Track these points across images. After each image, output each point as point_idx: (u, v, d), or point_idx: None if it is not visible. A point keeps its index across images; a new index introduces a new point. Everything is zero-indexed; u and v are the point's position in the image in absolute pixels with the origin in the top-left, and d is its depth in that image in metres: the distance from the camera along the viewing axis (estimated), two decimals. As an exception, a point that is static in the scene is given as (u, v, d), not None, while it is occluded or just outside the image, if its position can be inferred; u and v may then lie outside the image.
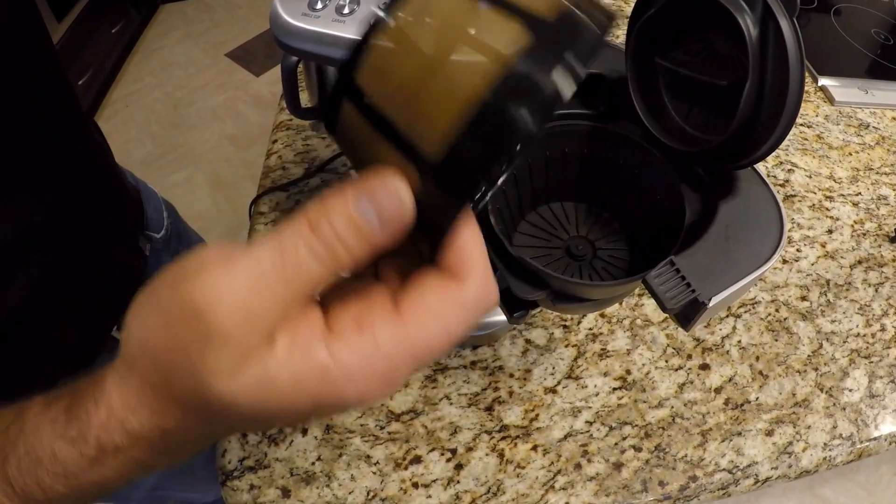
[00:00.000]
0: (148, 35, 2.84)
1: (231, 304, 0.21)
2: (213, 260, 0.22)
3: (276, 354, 0.21)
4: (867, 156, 0.83)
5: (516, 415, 0.57)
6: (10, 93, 0.44)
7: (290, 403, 0.22)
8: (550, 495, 0.53)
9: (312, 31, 0.40)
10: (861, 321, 0.66)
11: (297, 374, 0.22)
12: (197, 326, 0.21)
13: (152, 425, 0.24)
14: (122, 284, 0.64)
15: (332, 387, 0.22)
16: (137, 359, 0.24)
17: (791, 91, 0.30)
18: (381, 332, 0.22)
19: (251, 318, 0.21)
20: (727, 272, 0.31)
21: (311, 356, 0.22)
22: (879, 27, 1.07)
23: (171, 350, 0.22)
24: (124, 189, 0.66)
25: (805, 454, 0.57)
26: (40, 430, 0.26)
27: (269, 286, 0.21)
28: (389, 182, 0.22)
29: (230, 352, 0.21)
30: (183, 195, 2.10)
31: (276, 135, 0.84)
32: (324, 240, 0.22)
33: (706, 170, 0.36)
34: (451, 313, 0.23)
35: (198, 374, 0.21)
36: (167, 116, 2.44)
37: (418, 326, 0.22)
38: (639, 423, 0.57)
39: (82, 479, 0.25)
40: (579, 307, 0.39)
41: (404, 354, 0.22)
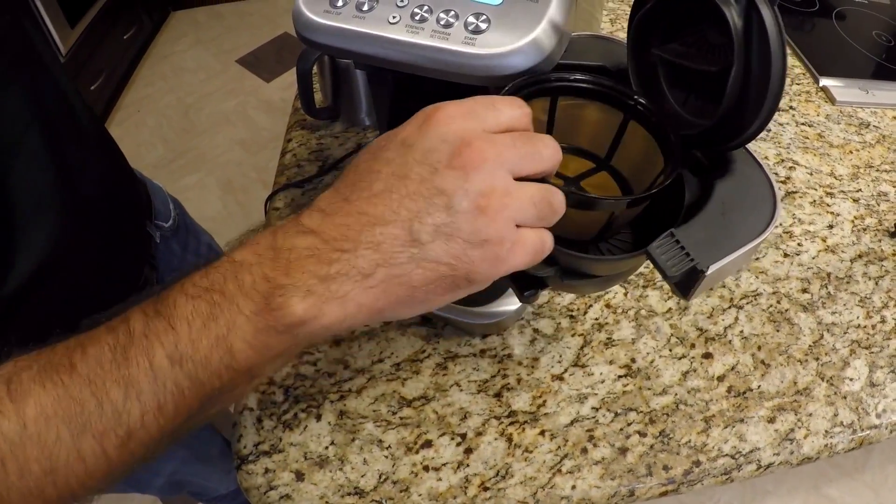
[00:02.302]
0: (160, 41, 2.88)
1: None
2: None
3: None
4: (868, 154, 0.85)
5: (524, 401, 0.59)
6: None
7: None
8: (557, 478, 0.55)
9: (334, 26, 0.42)
10: (861, 313, 0.68)
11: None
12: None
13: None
14: (134, 265, 0.66)
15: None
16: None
17: (774, 75, 0.32)
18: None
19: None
20: (724, 243, 0.33)
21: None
22: (881, 29, 1.09)
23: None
24: (131, 173, 0.68)
25: (806, 441, 0.58)
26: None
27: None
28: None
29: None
30: (194, 198, 2.13)
31: (290, 134, 0.86)
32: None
33: (704, 153, 0.38)
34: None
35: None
36: (178, 121, 2.48)
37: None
38: (643, 410, 0.59)
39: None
40: (586, 284, 0.40)
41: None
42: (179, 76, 2.69)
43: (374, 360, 0.61)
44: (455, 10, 0.39)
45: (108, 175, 0.64)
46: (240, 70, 2.71)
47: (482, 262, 0.29)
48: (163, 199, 0.76)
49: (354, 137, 0.85)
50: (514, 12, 0.38)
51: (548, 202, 0.31)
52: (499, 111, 0.31)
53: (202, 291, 0.29)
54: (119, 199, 0.65)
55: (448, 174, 0.29)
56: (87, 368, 0.28)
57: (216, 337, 0.28)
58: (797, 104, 0.92)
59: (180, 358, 0.28)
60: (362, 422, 0.57)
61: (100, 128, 0.65)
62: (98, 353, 0.29)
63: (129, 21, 2.59)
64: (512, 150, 0.30)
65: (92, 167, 0.59)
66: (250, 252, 0.29)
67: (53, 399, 0.28)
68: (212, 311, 0.28)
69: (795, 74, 0.98)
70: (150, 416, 0.29)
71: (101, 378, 0.28)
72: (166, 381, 0.28)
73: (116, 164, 0.66)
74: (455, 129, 0.29)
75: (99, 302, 0.61)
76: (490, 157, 0.29)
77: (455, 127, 0.29)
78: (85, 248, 0.57)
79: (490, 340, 0.63)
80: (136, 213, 0.69)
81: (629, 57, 0.41)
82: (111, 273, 0.62)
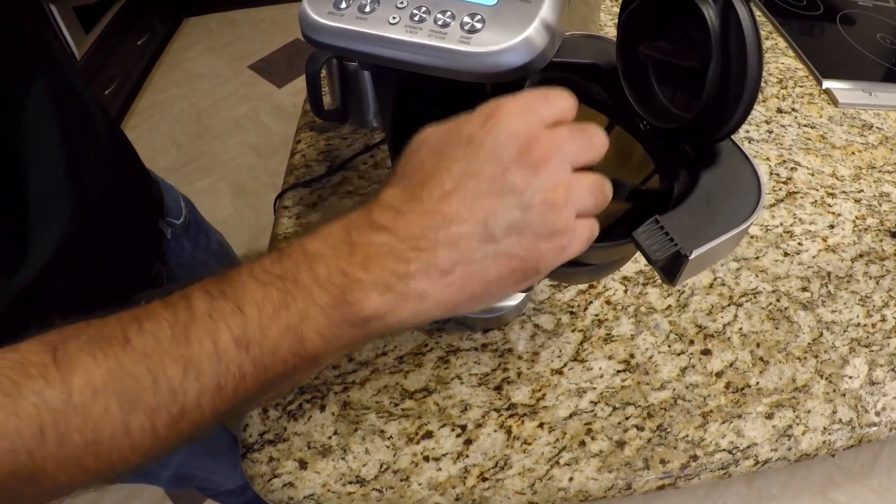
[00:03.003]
0: (173, 47, 2.92)
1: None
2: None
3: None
4: (870, 155, 0.85)
5: (524, 394, 0.60)
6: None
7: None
8: (555, 470, 0.56)
9: (337, 27, 0.44)
10: (861, 312, 0.68)
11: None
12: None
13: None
14: (146, 261, 0.68)
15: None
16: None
17: (750, 68, 0.33)
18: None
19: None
20: (708, 229, 0.34)
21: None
22: (885, 32, 1.10)
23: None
24: (145, 172, 0.70)
25: (805, 437, 0.59)
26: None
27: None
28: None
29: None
30: (206, 202, 2.16)
31: (300, 135, 0.88)
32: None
33: (691, 146, 0.39)
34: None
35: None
36: (191, 126, 2.51)
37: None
38: (641, 404, 0.60)
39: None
40: (579, 272, 0.42)
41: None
42: (192, 82, 2.72)
43: (378, 353, 0.63)
44: (451, 11, 0.40)
45: (122, 173, 0.66)
46: (252, 76, 2.74)
47: (549, 253, 0.31)
48: (174, 196, 0.78)
49: (362, 139, 0.87)
50: (508, 12, 0.39)
51: (601, 190, 0.33)
52: (552, 104, 0.32)
53: (274, 278, 0.29)
54: (132, 196, 0.67)
55: (518, 171, 0.30)
56: (143, 343, 0.28)
57: (287, 325, 0.29)
58: (800, 106, 0.93)
59: (248, 342, 0.28)
60: (365, 413, 0.59)
61: (114, 128, 0.67)
62: (156, 329, 0.28)
63: (142, 27, 2.63)
64: (571, 142, 0.31)
65: (105, 165, 0.61)
66: (323, 244, 0.30)
67: (104, 371, 0.28)
68: (284, 298, 0.29)
69: (798, 77, 0.98)
70: (206, 397, 0.29)
71: (159, 354, 0.28)
72: (230, 364, 0.28)
73: (130, 163, 0.68)
74: (518, 125, 0.31)
75: (111, 296, 0.63)
76: (555, 152, 0.30)
77: (518, 124, 0.31)
78: (98, 243, 0.59)
79: (491, 335, 0.64)
80: (149, 211, 0.71)
81: (618, 55, 0.42)
82: (123, 268, 0.64)
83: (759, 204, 0.36)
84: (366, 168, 0.82)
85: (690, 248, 0.33)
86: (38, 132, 0.50)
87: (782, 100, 0.94)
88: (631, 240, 0.35)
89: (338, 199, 0.78)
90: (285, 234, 0.74)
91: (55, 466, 0.28)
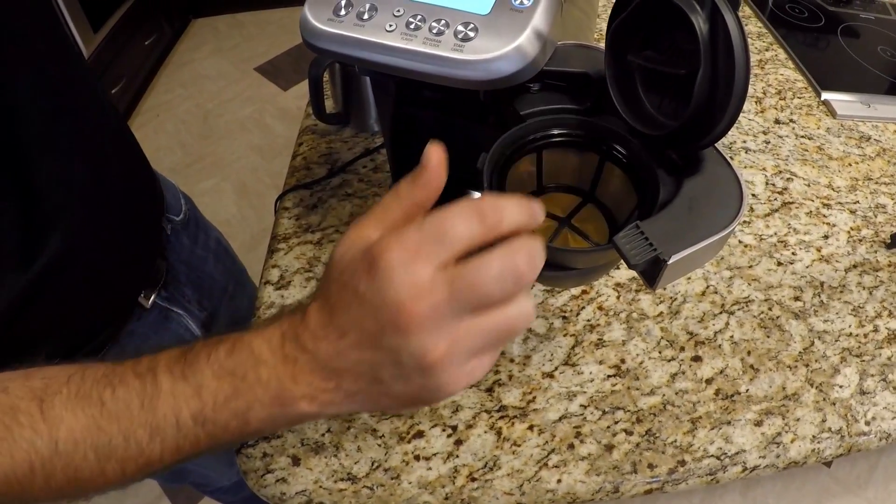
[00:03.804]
0: (180, 48, 2.94)
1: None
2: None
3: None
4: (867, 166, 0.86)
5: (515, 396, 0.61)
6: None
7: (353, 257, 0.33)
8: (543, 472, 0.56)
9: (336, 33, 0.45)
10: (854, 322, 0.69)
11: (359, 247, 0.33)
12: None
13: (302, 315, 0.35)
14: (147, 257, 0.69)
15: (377, 247, 0.32)
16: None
17: (738, 76, 0.34)
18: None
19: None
20: (688, 235, 0.35)
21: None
22: (886, 45, 1.10)
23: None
24: (148, 167, 0.72)
25: (794, 445, 0.59)
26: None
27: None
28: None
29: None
30: (210, 202, 2.17)
31: (301, 138, 0.89)
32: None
33: (679, 154, 0.40)
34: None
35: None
36: (197, 127, 2.53)
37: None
38: (631, 409, 0.60)
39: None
40: (565, 277, 0.43)
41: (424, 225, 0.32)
42: (198, 83, 2.74)
43: (372, 354, 0.63)
44: (446, 19, 0.41)
45: (129, 170, 0.67)
46: (258, 78, 2.76)
47: (437, 395, 0.34)
48: (174, 193, 0.79)
49: (363, 142, 0.88)
50: (501, 21, 0.40)
51: (502, 326, 0.33)
52: (447, 244, 0.32)
53: (226, 373, 0.35)
54: (138, 192, 0.68)
55: (391, 336, 0.31)
56: (116, 408, 0.35)
57: (235, 411, 0.35)
58: (798, 117, 0.93)
59: (203, 420, 0.34)
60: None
61: (122, 125, 0.68)
62: (127, 397, 0.35)
63: (150, 28, 2.66)
64: (454, 300, 0.31)
65: (114, 161, 0.62)
66: (266, 348, 0.35)
67: (83, 427, 0.34)
68: (235, 392, 0.34)
69: (797, 88, 0.99)
70: (168, 453, 0.35)
71: (130, 420, 0.34)
72: (188, 434, 0.35)
73: (137, 159, 0.69)
74: (398, 283, 0.31)
75: (114, 293, 0.64)
76: (427, 317, 0.31)
77: (396, 282, 0.31)
78: (103, 238, 0.60)
79: (484, 338, 0.65)
80: (152, 207, 0.72)
81: (607, 64, 0.43)
82: (127, 263, 0.65)
83: (740, 212, 0.37)
84: (366, 171, 0.83)
85: (669, 254, 0.34)
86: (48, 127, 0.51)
87: (780, 111, 0.95)
88: (612, 244, 0.35)
89: (337, 201, 0.79)
90: (284, 234, 0.75)
91: (43, 494, 0.35)
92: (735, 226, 0.36)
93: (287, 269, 0.72)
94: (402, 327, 0.31)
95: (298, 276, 0.71)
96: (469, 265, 0.31)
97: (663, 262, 0.34)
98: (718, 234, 0.36)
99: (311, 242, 0.74)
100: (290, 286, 0.70)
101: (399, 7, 0.44)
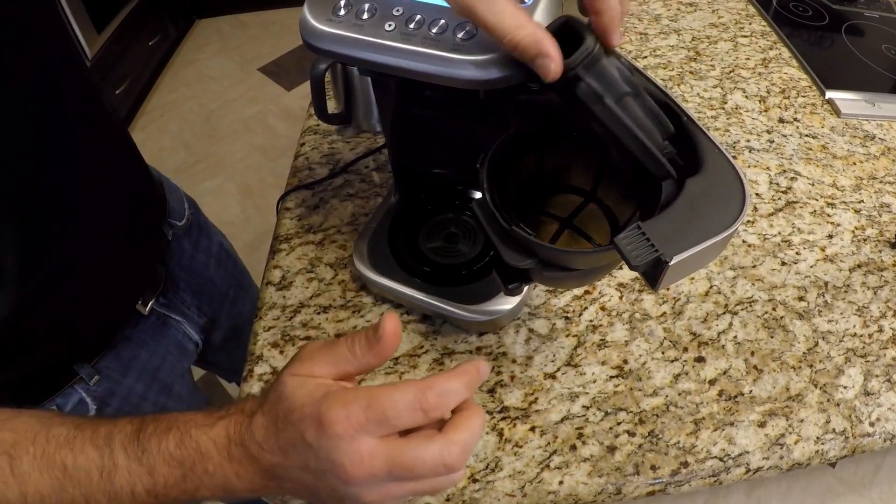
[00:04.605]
0: (184, 48, 2.95)
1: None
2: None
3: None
4: (871, 165, 0.86)
5: (517, 398, 0.61)
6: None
7: (305, 399, 0.37)
8: (545, 473, 0.56)
9: (335, 33, 0.45)
10: (858, 322, 0.68)
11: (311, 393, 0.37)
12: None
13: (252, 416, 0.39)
14: (146, 264, 0.69)
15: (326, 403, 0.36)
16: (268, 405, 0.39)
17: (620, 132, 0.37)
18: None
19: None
20: (690, 236, 0.35)
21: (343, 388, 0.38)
22: (891, 43, 1.10)
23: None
24: (149, 175, 0.71)
25: (797, 447, 0.59)
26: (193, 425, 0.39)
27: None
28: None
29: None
30: (213, 202, 2.17)
31: (304, 138, 0.89)
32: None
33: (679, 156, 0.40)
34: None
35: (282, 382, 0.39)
36: (200, 127, 2.53)
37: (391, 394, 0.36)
38: (633, 410, 0.60)
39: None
40: (567, 277, 0.42)
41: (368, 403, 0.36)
42: (202, 83, 2.75)
43: (373, 355, 0.63)
44: (445, 19, 0.41)
45: (129, 178, 0.66)
46: (261, 78, 2.76)
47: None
48: (178, 197, 0.79)
49: (365, 142, 0.88)
50: (501, 20, 0.40)
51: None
52: (394, 426, 0.36)
53: (177, 463, 0.38)
54: (137, 201, 0.67)
55: (332, 478, 0.36)
56: (77, 475, 0.38)
57: (185, 489, 0.39)
58: (802, 116, 0.93)
59: (156, 495, 0.39)
60: (359, 414, 0.59)
61: (123, 132, 0.68)
62: (87, 467, 0.38)
63: (154, 28, 2.66)
64: (390, 473, 0.36)
65: (114, 171, 0.62)
66: (212, 445, 0.38)
67: (49, 486, 0.38)
68: (183, 477, 0.38)
69: (801, 87, 0.99)
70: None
71: (90, 487, 0.38)
72: (143, 503, 0.39)
73: (137, 167, 0.69)
74: (339, 451, 0.35)
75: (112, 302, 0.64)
76: (364, 479, 0.36)
77: (340, 450, 0.35)
78: (103, 249, 0.60)
79: (486, 338, 0.65)
80: (153, 214, 0.72)
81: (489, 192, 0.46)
82: (127, 271, 0.65)
83: (743, 212, 0.36)
84: (368, 171, 0.83)
85: (671, 255, 0.34)
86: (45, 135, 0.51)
87: (784, 109, 0.94)
88: (613, 245, 0.35)
89: (339, 201, 0.79)
90: (286, 235, 0.75)
91: None
92: (738, 226, 0.36)
93: (289, 269, 0.72)
94: (343, 479, 0.36)
95: (300, 277, 0.71)
96: (407, 450, 0.36)
97: (665, 263, 0.34)
98: (721, 234, 0.35)
99: (312, 243, 0.74)
100: (292, 287, 0.70)
101: (398, 7, 0.44)
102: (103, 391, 0.64)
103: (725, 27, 1.13)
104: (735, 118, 0.92)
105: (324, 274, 0.71)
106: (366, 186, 0.81)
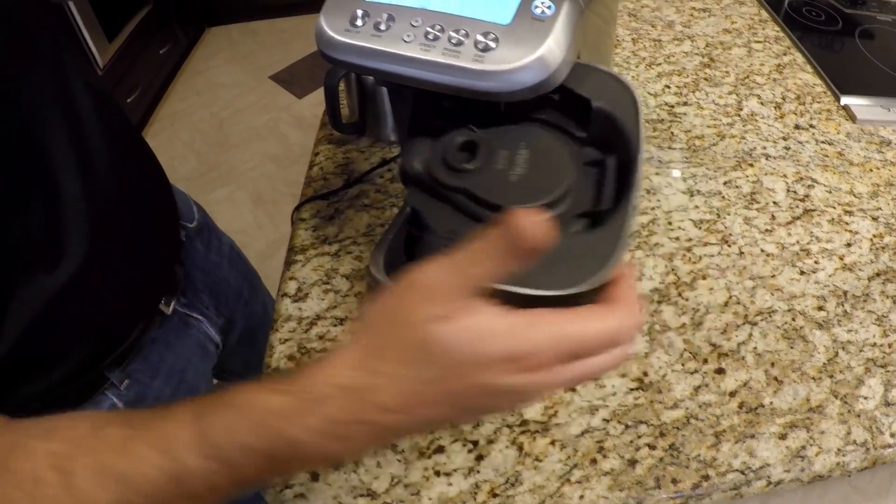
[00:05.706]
0: (194, 57, 2.96)
1: (436, 275, 0.32)
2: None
3: (479, 313, 0.32)
4: (888, 172, 0.85)
5: (536, 411, 0.60)
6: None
7: (486, 350, 0.31)
8: (566, 488, 0.55)
9: (353, 44, 0.45)
10: (878, 331, 0.68)
11: (493, 328, 0.32)
12: (413, 292, 0.33)
13: (364, 381, 0.33)
14: (166, 264, 0.70)
15: (513, 338, 0.32)
16: (359, 334, 0.34)
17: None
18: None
19: (452, 285, 0.32)
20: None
21: (503, 318, 0.32)
22: (906, 48, 1.09)
23: (390, 316, 0.33)
24: (162, 174, 0.72)
25: (818, 459, 0.58)
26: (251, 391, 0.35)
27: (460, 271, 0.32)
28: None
29: (443, 306, 0.32)
30: (225, 211, 2.18)
31: (318, 148, 0.89)
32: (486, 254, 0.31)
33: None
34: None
35: (416, 324, 0.32)
36: (212, 135, 2.54)
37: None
38: (654, 423, 0.59)
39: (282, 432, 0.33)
40: None
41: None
42: (213, 91, 2.76)
43: (390, 367, 0.63)
44: (465, 30, 0.41)
45: (146, 176, 0.67)
46: (273, 86, 2.77)
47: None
48: (185, 201, 0.80)
49: (379, 152, 0.88)
50: (522, 31, 0.40)
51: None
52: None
53: (262, 457, 0.34)
54: (155, 198, 0.68)
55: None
56: (140, 484, 0.35)
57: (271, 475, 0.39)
58: (817, 122, 0.92)
59: (238, 484, 0.36)
60: (376, 427, 0.59)
61: (137, 134, 0.69)
62: (150, 473, 0.35)
63: (165, 37, 2.68)
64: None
65: (133, 167, 0.63)
66: (307, 436, 0.34)
67: (109, 501, 0.34)
68: (270, 469, 0.35)
69: (816, 93, 0.98)
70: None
71: (159, 495, 0.35)
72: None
73: (152, 165, 0.70)
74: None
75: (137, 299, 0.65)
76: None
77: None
78: (126, 244, 0.61)
79: (503, 350, 0.64)
80: (170, 215, 0.72)
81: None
82: (148, 269, 0.66)
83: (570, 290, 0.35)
84: (383, 182, 0.83)
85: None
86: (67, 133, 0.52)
87: (800, 116, 0.93)
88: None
89: (354, 212, 0.79)
90: (302, 246, 0.75)
91: None
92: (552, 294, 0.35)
93: (304, 281, 0.71)
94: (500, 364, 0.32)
95: (316, 289, 0.71)
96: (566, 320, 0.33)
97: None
98: (535, 291, 0.34)
99: (328, 254, 0.74)
100: (308, 298, 0.70)
101: (417, 17, 0.43)
102: (134, 395, 0.64)
103: (739, 32, 1.12)
104: (751, 125, 0.92)
105: (340, 285, 0.71)
106: (381, 196, 0.81)
